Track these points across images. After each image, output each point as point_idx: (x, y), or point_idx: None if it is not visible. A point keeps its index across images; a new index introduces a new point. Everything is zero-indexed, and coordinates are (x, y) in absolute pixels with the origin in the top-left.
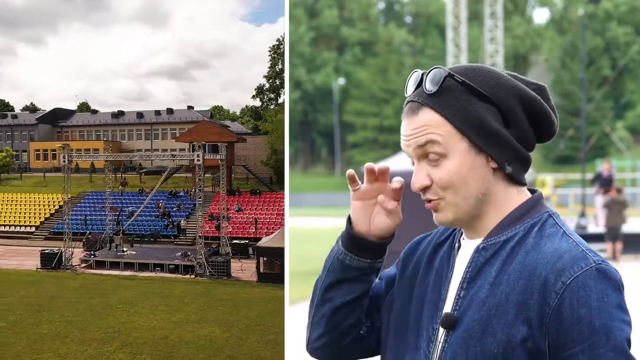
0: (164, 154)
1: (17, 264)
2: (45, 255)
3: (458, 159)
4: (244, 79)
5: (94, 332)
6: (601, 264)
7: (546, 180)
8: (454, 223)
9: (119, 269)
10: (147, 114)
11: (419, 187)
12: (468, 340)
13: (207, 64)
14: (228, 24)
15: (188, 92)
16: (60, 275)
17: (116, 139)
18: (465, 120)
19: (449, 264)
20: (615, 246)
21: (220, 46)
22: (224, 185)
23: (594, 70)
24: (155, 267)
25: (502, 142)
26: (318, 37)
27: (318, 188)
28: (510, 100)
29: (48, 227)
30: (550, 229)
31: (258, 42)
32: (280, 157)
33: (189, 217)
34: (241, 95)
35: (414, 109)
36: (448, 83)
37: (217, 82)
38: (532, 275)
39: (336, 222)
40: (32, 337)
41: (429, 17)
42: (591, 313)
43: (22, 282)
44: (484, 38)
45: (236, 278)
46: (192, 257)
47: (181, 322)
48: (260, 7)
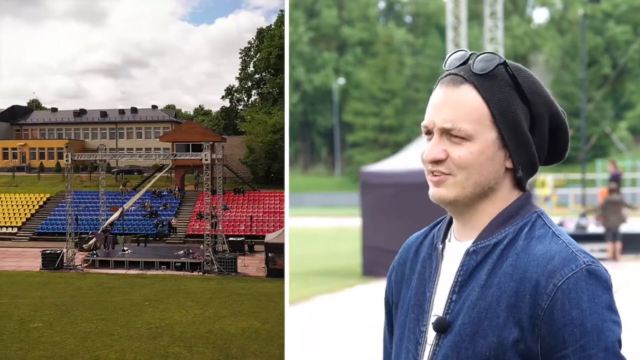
0: (166, 152)
1: (14, 265)
2: (47, 255)
3: (483, 145)
4: (184, 79)
5: (137, 329)
6: (591, 264)
7: (546, 180)
8: (452, 204)
9: (124, 268)
10: (110, 113)
11: (433, 159)
12: (460, 343)
13: (145, 62)
14: (167, 24)
15: (126, 90)
16: (67, 275)
17: (79, 137)
18: (502, 111)
19: (431, 265)
20: (615, 246)
21: (159, 45)
22: (220, 185)
23: (594, 70)
24: (161, 265)
25: (525, 145)
26: (317, 37)
27: (318, 188)
28: (543, 110)
29: (31, 227)
30: (540, 230)
31: (197, 41)
32: (257, 156)
33: (177, 215)
34: (182, 94)
35: (455, 82)
36: (499, 70)
37: (156, 81)
38: (523, 278)
39: (336, 222)
40: (78, 336)
41: (428, 17)
42: (583, 314)
43: (31, 283)
44: (484, 38)
45: (244, 274)
46: (196, 254)
47: (215, 316)
48: (199, 8)
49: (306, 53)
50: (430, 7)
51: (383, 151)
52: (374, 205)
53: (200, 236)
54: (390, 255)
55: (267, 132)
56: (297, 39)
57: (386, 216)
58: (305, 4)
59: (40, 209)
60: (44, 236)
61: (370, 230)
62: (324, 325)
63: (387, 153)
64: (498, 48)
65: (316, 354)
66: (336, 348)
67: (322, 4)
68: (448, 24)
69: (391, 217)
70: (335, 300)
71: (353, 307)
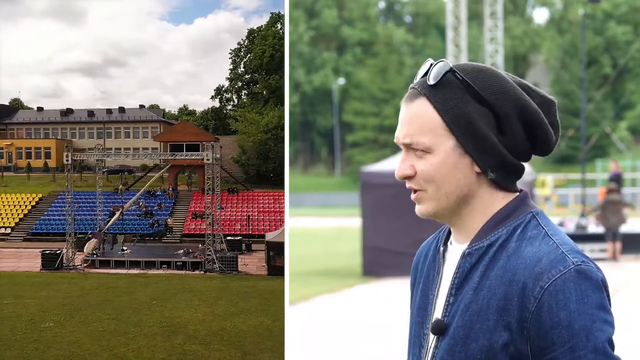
0: (155, 152)
1: (12, 265)
2: (46, 255)
3: (442, 155)
4: (163, 78)
5: (150, 327)
6: (580, 264)
7: (546, 180)
8: (435, 216)
9: (124, 268)
10: (97, 112)
11: (401, 175)
12: (454, 346)
13: (124, 62)
14: (145, 23)
15: (105, 90)
16: (68, 275)
17: (66, 137)
18: (455, 118)
19: (435, 268)
20: (615, 246)
21: (138, 44)
22: (218, 184)
23: (594, 70)
24: (162, 265)
25: (489, 147)
26: (317, 37)
27: (318, 188)
28: (508, 108)
29: (25, 227)
30: (533, 231)
31: (176, 41)
32: (250, 155)
33: (172, 215)
34: (162, 94)
35: (411, 96)
36: (449, 78)
37: (134, 80)
38: (511, 280)
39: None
40: (92, 335)
41: (428, 17)
42: (570, 316)
43: (34, 283)
44: (484, 38)
45: (245, 272)
46: (196, 253)
47: (225, 314)
48: (178, 7)
49: (306, 53)
50: (430, 7)
51: (383, 151)
52: (374, 205)
53: (196, 235)
54: (391, 255)
55: (259, 132)
56: (297, 38)
57: (386, 216)
58: (306, 4)
59: (33, 209)
60: (39, 236)
61: (370, 230)
62: (324, 325)
63: (387, 153)
64: (498, 48)
65: (316, 354)
66: (336, 348)
67: (322, 4)
68: (448, 24)
69: (391, 217)
70: (335, 300)
71: (353, 307)
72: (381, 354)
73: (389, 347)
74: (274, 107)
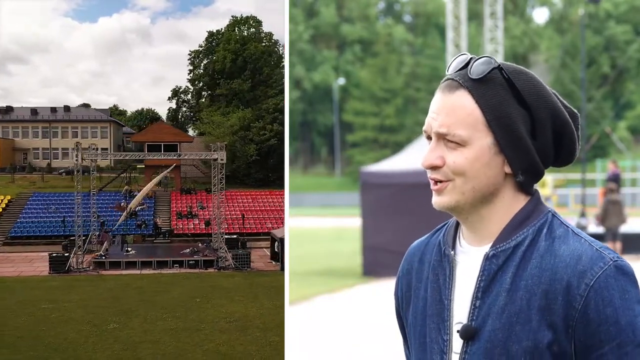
0: (147, 153)
1: (12, 270)
2: (54, 259)
3: (477, 151)
4: (67, 77)
5: (216, 323)
6: (617, 260)
7: (546, 180)
8: (454, 210)
9: (135, 269)
10: (41, 111)
11: (429, 165)
12: (492, 349)
13: (25, 59)
14: (49, 19)
15: (6, 87)
16: (82, 278)
17: (7, 136)
18: (497, 116)
19: (444, 272)
20: (615, 246)
21: (40, 41)
22: (216, 184)
23: (594, 70)
24: (174, 264)
25: (523, 150)
26: (317, 36)
27: (318, 188)
28: (544, 114)
29: (1, 231)
30: (559, 230)
31: (80, 39)
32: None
33: (156, 215)
34: (67, 92)
35: (451, 87)
36: (495, 75)
37: (36, 78)
38: (552, 279)
39: (336, 222)
40: (168, 334)
41: (428, 17)
42: (616, 312)
43: (56, 287)
44: (484, 38)
45: (257, 269)
46: (206, 252)
47: (276, 307)
48: (83, 5)
49: (306, 51)
50: (430, 6)
51: (383, 151)
52: (374, 205)
53: (185, 235)
54: (391, 255)
55: (226, 133)
56: (297, 37)
57: (386, 216)
58: (305, 3)
59: (5, 212)
60: (19, 240)
61: (370, 230)
62: (324, 325)
63: (387, 153)
64: (498, 48)
65: (316, 354)
66: (336, 348)
67: (321, 2)
68: (448, 24)
69: (391, 217)
70: (335, 300)
71: (353, 307)
72: (381, 354)
73: (389, 347)
74: (237, 110)
